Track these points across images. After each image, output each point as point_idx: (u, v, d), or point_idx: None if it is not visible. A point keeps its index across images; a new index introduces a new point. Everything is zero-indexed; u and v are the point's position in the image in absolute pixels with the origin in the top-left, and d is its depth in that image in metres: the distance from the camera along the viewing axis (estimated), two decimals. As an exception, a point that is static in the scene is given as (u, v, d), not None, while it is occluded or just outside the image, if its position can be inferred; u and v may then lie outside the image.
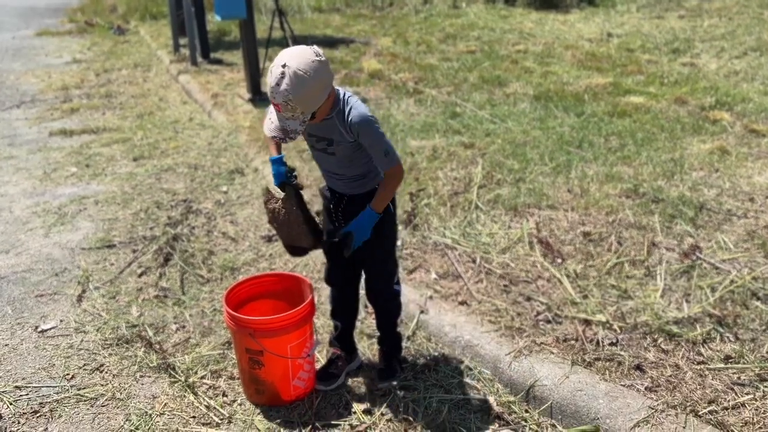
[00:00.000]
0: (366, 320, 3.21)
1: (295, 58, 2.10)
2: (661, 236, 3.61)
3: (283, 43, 8.95)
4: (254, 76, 7.10)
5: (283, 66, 2.09)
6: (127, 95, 7.93)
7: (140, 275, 3.74)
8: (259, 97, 7.05)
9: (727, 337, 2.70)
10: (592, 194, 4.21)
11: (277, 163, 2.60)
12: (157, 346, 3.05)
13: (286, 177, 2.58)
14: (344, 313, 2.84)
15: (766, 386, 2.41)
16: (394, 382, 2.72)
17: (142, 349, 3.04)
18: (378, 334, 2.87)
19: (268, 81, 2.14)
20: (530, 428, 2.42)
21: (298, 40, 8.61)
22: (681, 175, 4.47)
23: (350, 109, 2.29)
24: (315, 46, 2.19)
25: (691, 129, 5.49)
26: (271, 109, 2.31)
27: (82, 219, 4.49)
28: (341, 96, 2.32)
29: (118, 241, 4.14)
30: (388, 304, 2.76)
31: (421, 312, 3.13)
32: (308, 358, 2.65)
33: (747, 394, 2.38)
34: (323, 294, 3.31)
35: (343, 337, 2.85)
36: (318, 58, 2.13)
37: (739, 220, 3.78)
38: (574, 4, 12.91)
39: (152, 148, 5.89)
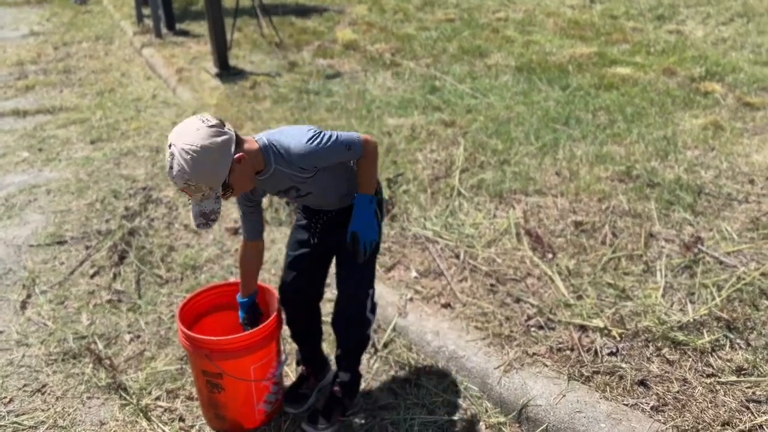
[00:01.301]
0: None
1: (180, 135, 1.80)
2: (658, 225, 3.34)
3: (251, 13, 8.48)
4: (221, 49, 6.66)
5: (170, 147, 1.81)
6: (87, 70, 7.45)
7: (92, 276, 3.40)
8: (227, 72, 6.63)
9: (738, 344, 2.46)
10: (582, 177, 3.93)
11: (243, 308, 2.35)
12: (108, 362, 2.74)
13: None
14: (307, 335, 2.52)
15: (783, 403, 2.17)
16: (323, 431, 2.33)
17: (91, 366, 2.73)
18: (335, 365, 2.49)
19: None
20: (524, 455, 2.16)
21: (267, 9, 8.15)
22: (675, 154, 4.20)
23: (287, 150, 1.95)
24: (204, 115, 1.86)
25: (682, 102, 5.21)
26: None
27: (31, 211, 4.12)
28: (267, 142, 1.96)
29: (69, 237, 3.78)
30: (355, 331, 2.34)
31: (399, 315, 2.84)
32: (274, 379, 2.36)
33: (764, 413, 2.14)
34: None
35: (311, 356, 2.55)
36: (204, 125, 1.80)
37: (741, 205, 3.53)
38: (556, -32, 12.46)
39: (111, 130, 5.49)
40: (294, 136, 1.96)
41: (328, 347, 2.71)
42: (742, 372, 2.32)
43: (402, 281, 3.08)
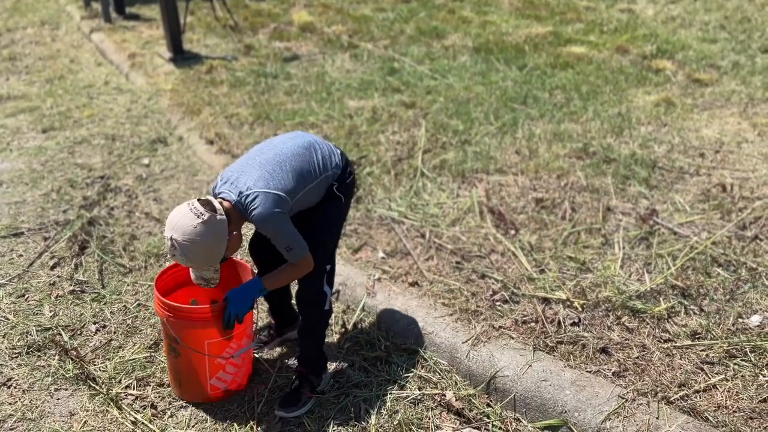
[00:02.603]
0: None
1: (177, 229, 2.07)
2: (615, 200, 3.45)
3: (205, -4, 8.31)
4: (174, 33, 6.52)
5: (170, 239, 2.09)
6: (34, 57, 7.20)
7: (53, 267, 3.33)
8: (181, 56, 6.50)
9: (692, 310, 2.57)
10: (541, 155, 4.02)
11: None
12: (74, 353, 2.70)
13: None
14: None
15: (735, 364, 2.29)
16: (295, 414, 2.34)
17: (57, 357, 2.68)
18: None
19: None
20: (493, 425, 2.23)
21: (221, -8, 8.00)
22: (630, 130, 4.32)
23: (252, 211, 2.14)
24: (195, 204, 2.09)
25: (635, 80, 5.35)
26: None
27: (-17, 203, 3.99)
28: (236, 198, 2.16)
29: (26, 228, 3.69)
30: (308, 309, 2.39)
31: (368, 295, 2.88)
32: (232, 359, 2.38)
33: (717, 374, 2.26)
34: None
35: (277, 310, 2.68)
36: (200, 221, 2.05)
37: (692, 178, 3.66)
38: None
39: (64, 118, 5.33)
40: (264, 204, 2.11)
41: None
42: (697, 336, 2.44)
43: (369, 262, 3.11)
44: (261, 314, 2.93)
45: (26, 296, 3.11)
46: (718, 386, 2.21)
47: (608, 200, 3.44)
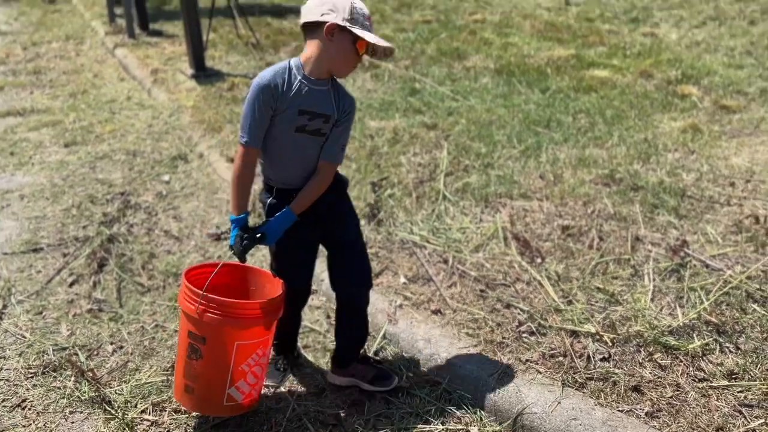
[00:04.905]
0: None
1: None
2: (644, 229, 3.36)
3: (227, 13, 8.38)
4: (197, 49, 6.56)
5: None
6: (58, 71, 7.28)
7: (71, 285, 3.30)
8: (203, 73, 6.53)
9: (728, 348, 2.48)
10: (566, 181, 3.94)
11: (240, 224, 2.27)
12: (90, 374, 2.65)
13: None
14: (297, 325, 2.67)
15: (775, 407, 2.19)
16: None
17: (73, 378, 2.64)
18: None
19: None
20: (520, 464, 2.15)
21: (243, 10, 8.06)
22: (657, 157, 4.24)
23: (341, 87, 2.18)
24: None
25: (661, 105, 5.28)
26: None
27: (4, 217, 3.99)
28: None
29: (46, 244, 3.67)
30: (366, 293, 2.51)
31: (390, 322, 2.81)
32: (255, 368, 2.29)
33: (756, 417, 2.16)
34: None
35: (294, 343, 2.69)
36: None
37: (723, 208, 3.57)
38: (530, -30, 12.55)
39: (86, 132, 5.36)
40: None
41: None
42: (734, 376, 2.34)
43: (390, 287, 3.05)
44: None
45: (44, 314, 3.08)
46: (757, 430, 2.11)
47: (637, 229, 3.36)
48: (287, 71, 2.13)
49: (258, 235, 2.21)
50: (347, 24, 2.04)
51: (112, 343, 2.87)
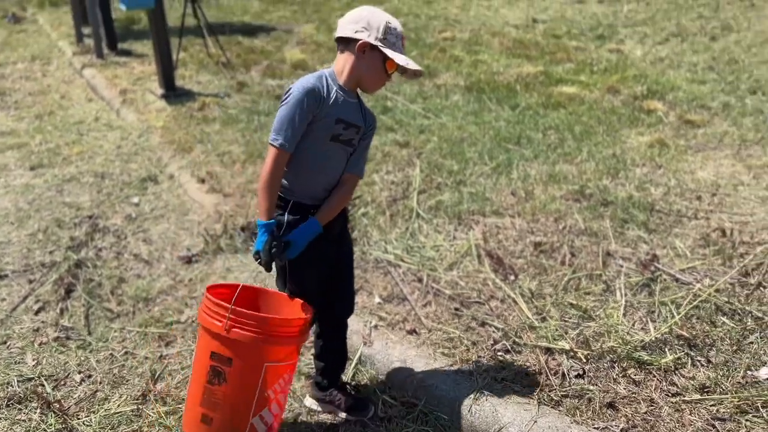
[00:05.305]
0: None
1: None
2: (615, 244, 3.40)
3: (197, 32, 8.33)
4: (166, 69, 6.50)
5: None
6: (24, 93, 7.13)
7: (37, 312, 3.22)
8: (173, 93, 6.47)
9: (699, 362, 2.51)
10: (538, 197, 3.98)
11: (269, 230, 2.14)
12: (57, 405, 2.57)
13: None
14: None
15: (747, 420, 2.22)
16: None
17: (38, 410, 2.56)
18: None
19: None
20: (498, 485, 2.13)
21: (213, 28, 8.03)
22: (625, 172, 4.31)
23: (364, 103, 2.24)
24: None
25: (628, 121, 5.37)
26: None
27: (-34, 244, 3.88)
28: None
29: (11, 270, 3.58)
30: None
31: (365, 344, 2.79)
32: (280, 395, 2.17)
33: (729, 431, 2.18)
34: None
35: None
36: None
37: (690, 221, 3.63)
38: (498, -12, 12.76)
39: (53, 155, 5.25)
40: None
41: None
42: (706, 390, 2.37)
43: (366, 308, 3.03)
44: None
45: (8, 343, 2.99)
46: (730, 444, 2.13)
47: (607, 244, 3.40)
48: (325, 80, 2.13)
49: (284, 243, 2.10)
50: (379, 44, 2.07)
51: (79, 372, 2.79)
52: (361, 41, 2.08)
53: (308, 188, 2.19)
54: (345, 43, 2.14)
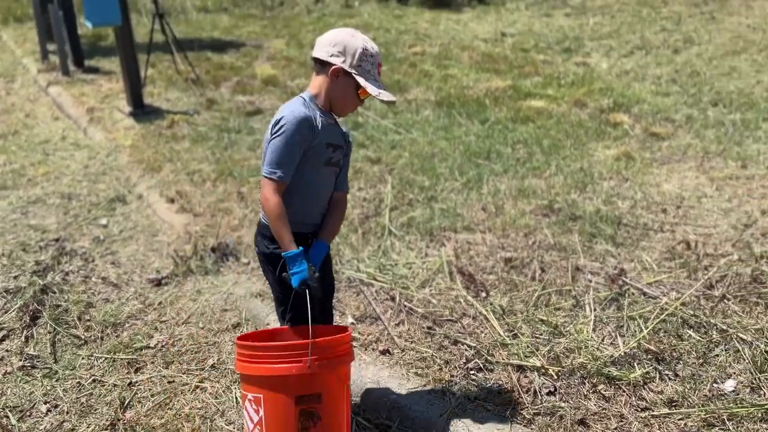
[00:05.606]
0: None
1: None
2: (583, 258, 3.45)
3: (165, 48, 8.27)
4: (134, 86, 6.43)
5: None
6: (-13, 111, 7.00)
7: (1, 341, 3.14)
8: (141, 111, 6.40)
9: (667, 376, 2.55)
10: (508, 212, 4.02)
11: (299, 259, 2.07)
12: (23, 438, 2.51)
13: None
14: None
15: (714, 433, 2.26)
16: None
17: (3, 444, 2.50)
18: None
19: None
20: (472, 506, 2.13)
21: (182, 44, 7.98)
22: (593, 185, 4.38)
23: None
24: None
25: (595, 134, 5.46)
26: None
27: (-73, 270, 3.78)
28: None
29: (-27, 297, 3.49)
30: None
31: (339, 365, 2.77)
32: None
33: (697, 445, 2.22)
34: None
35: None
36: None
37: (656, 234, 3.70)
38: (466, 2, 12.94)
39: (17, 176, 5.15)
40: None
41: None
42: (674, 404, 2.41)
43: (338, 328, 3.02)
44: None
45: (-29, 373, 2.91)
46: (698, 458, 2.17)
47: (576, 259, 3.44)
48: (310, 106, 2.12)
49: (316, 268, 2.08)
50: (353, 71, 2.07)
51: (46, 402, 2.73)
52: (335, 66, 2.07)
53: (305, 215, 2.18)
54: (321, 64, 2.13)
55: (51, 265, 3.77)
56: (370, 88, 2.07)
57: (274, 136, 2.06)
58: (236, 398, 2.69)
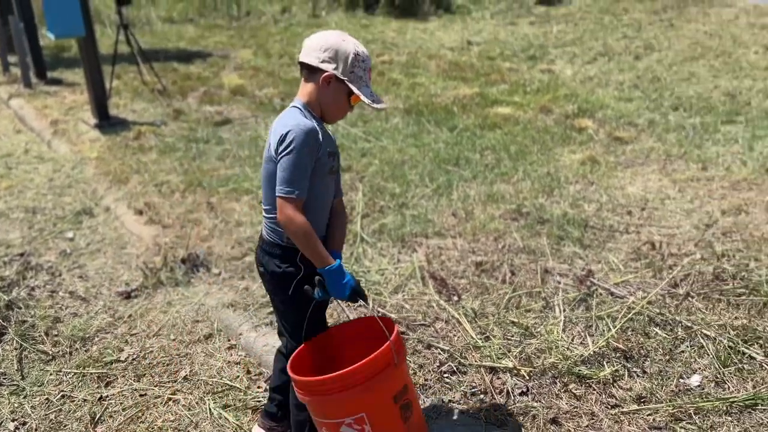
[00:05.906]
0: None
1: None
2: (552, 261, 3.51)
3: (130, 59, 8.19)
4: (99, 98, 6.35)
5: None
6: (-54, 125, 6.84)
7: (-35, 359, 3.07)
8: (107, 122, 6.32)
9: (635, 373, 2.61)
10: (477, 217, 4.07)
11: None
12: (-10, 457, 2.46)
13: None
14: None
15: (681, 428, 2.32)
16: None
17: (-30, 463, 2.44)
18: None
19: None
20: (449, 508, 2.15)
21: (147, 55, 7.91)
22: (560, 189, 4.46)
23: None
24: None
25: (560, 139, 5.56)
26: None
27: None
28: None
29: (-65, 315, 3.40)
30: None
31: (313, 372, 2.77)
32: None
33: (666, 439, 2.28)
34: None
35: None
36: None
37: (622, 236, 3.79)
38: (432, 11, 13.06)
39: (-22, 190, 5.04)
40: None
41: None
42: (642, 400, 2.46)
43: (311, 336, 3.02)
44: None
45: (-66, 393, 2.84)
46: (667, 452, 2.22)
47: (545, 262, 3.50)
48: (306, 115, 2.04)
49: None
50: (345, 78, 2.01)
51: (13, 420, 2.67)
52: (327, 73, 2.02)
53: (316, 227, 2.07)
54: (310, 71, 2.05)
55: (16, 281, 3.69)
56: (363, 96, 2.02)
57: (283, 153, 1.96)
58: (209, 409, 2.67)
